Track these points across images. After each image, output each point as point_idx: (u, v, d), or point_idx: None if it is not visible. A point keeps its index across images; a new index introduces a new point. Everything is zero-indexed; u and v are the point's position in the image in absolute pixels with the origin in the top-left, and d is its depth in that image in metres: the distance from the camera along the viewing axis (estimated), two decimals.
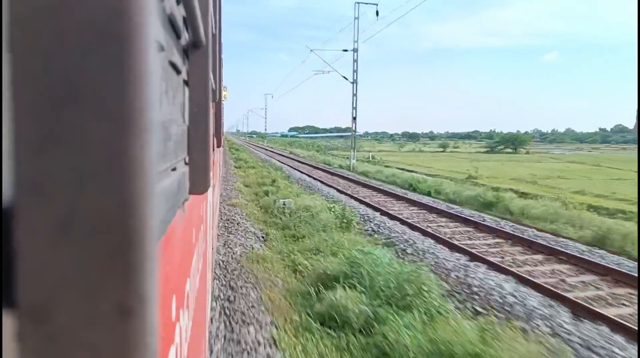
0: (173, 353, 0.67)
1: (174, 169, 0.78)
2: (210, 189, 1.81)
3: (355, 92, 26.14)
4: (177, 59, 0.84)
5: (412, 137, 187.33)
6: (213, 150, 2.25)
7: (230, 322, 4.17)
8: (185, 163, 0.96)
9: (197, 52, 0.98)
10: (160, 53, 0.63)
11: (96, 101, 0.22)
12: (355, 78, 26.41)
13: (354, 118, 26.32)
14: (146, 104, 0.23)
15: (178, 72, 0.87)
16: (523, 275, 6.10)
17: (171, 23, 0.75)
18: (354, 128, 26.67)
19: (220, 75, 3.08)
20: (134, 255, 0.23)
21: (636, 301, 5.51)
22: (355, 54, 26.31)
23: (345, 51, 27.11)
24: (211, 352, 3.47)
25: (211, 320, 3.96)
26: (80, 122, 0.22)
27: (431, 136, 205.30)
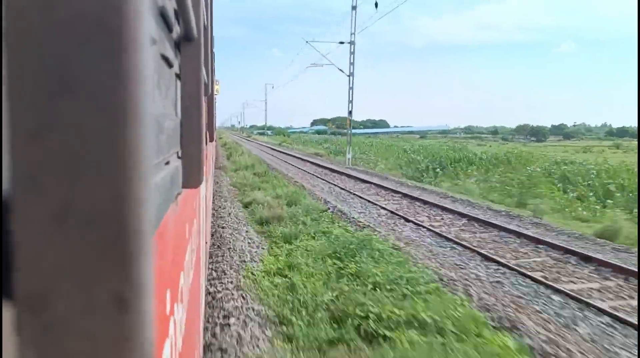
0: (168, 347, 0.67)
1: (167, 163, 0.78)
2: (203, 184, 1.80)
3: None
4: (169, 53, 0.83)
5: (495, 133, 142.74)
6: (206, 144, 2.24)
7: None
8: (178, 157, 0.96)
9: (189, 46, 0.97)
10: (152, 46, 0.63)
11: (90, 94, 0.22)
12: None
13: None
14: (140, 96, 0.23)
15: (170, 65, 0.86)
16: None
17: (163, 16, 0.74)
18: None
19: (212, 68, 3.05)
20: (130, 245, 0.23)
21: None
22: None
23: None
24: None
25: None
26: (75, 114, 0.22)
27: (536, 132, 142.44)
